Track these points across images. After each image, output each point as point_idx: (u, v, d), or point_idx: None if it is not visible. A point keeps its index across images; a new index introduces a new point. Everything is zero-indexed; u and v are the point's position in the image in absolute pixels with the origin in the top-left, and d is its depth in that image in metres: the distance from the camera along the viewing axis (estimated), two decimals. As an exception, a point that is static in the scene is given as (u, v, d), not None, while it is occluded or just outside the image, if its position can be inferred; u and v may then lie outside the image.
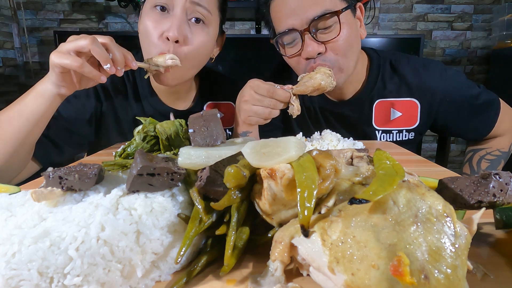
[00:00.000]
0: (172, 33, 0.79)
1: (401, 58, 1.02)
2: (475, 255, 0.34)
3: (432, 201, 0.28)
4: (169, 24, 0.80)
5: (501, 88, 2.53)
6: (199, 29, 0.84)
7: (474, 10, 2.77)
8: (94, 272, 0.27)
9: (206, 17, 0.84)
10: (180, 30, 0.80)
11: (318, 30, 0.82)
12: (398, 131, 1.03)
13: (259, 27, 2.44)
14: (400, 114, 1.01)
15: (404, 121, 1.02)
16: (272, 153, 0.33)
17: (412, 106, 1.00)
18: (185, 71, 0.87)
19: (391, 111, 1.02)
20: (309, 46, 0.82)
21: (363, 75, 1.01)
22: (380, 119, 1.03)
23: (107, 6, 2.72)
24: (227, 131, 1.12)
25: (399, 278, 0.23)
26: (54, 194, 0.32)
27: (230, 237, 0.32)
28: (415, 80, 0.99)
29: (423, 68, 0.99)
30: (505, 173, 0.34)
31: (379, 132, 1.04)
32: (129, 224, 0.30)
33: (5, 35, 2.68)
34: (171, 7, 0.81)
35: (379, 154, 0.34)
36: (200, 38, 0.84)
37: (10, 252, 0.26)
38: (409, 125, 1.02)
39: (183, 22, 0.81)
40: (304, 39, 0.82)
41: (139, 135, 0.58)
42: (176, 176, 0.35)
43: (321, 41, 0.82)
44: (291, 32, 0.83)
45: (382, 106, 1.01)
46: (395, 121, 1.02)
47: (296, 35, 0.84)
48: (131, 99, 1.00)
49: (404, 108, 1.01)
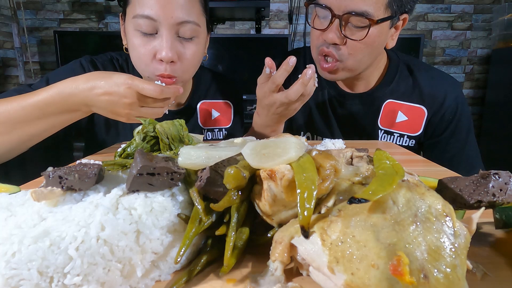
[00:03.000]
0: (165, 55, 0.77)
1: (420, 64, 1.03)
2: (475, 255, 0.34)
3: (432, 200, 0.28)
4: (159, 44, 0.78)
5: (501, 88, 2.54)
6: (191, 43, 0.83)
7: (474, 10, 2.77)
8: (94, 272, 0.27)
9: (195, 30, 0.82)
10: (173, 50, 0.78)
11: (348, 22, 0.82)
12: (400, 135, 1.02)
13: (259, 27, 2.44)
14: (406, 118, 1.01)
15: (408, 127, 1.01)
16: (271, 154, 0.33)
17: (419, 113, 1.00)
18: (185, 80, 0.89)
19: (398, 113, 1.01)
20: (331, 33, 0.82)
21: (378, 71, 1.01)
22: (386, 119, 1.03)
23: (107, 6, 2.72)
24: (223, 130, 1.12)
25: (399, 277, 0.23)
26: (54, 194, 0.32)
27: (230, 238, 0.32)
28: (429, 88, 0.98)
29: (441, 79, 0.99)
30: (505, 173, 0.34)
31: (381, 131, 1.03)
32: (129, 223, 0.30)
33: (5, 35, 2.68)
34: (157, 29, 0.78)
35: (379, 154, 0.35)
36: (193, 50, 0.83)
37: (10, 252, 0.26)
38: (412, 132, 1.02)
39: (173, 41, 0.79)
40: (333, 23, 0.82)
41: (139, 135, 0.58)
42: (176, 176, 0.35)
43: (345, 34, 0.82)
44: (325, 9, 0.83)
45: (390, 106, 1.01)
46: (399, 125, 1.02)
47: (328, 14, 0.83)
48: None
49: (411, 113, 1.00)
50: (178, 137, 0.57)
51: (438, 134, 1.00)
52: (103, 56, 0.99)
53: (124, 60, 1.01)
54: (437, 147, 1.01)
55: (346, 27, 0.82)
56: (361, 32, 0.82)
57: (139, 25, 0.78)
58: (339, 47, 0.84)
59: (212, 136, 1.10)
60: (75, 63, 0.94)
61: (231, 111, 1.12)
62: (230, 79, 1.16)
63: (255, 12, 2.34)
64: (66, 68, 0.94)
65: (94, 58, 0.98)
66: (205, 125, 1.09)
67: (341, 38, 0.83)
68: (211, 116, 1.09)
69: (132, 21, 0.78)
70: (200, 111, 1.07)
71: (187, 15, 0.78)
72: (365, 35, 0.81)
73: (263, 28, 2.44)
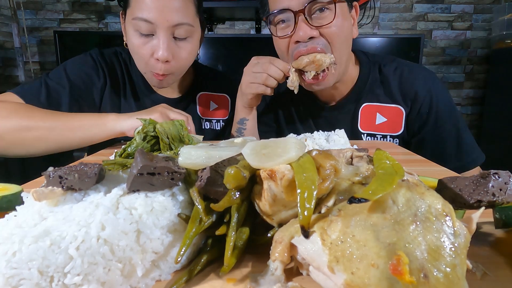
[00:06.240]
0: (161, 55, 0.84)
1: (391, 63, 1.01)
2: (475, 254, 0.34)
3: (432, 200, 0.28)
4: (156, 44, 0.85)
5: (501, 88, 2.54)
6: (186, 43, 0.89)
7: (474, 10, 2.77)
8: (95, 271, 0.27)
9: (190, 31, 0.88)
10: (169, 51, 0.85)
11: (312, 14, 0.82)
12: (382, 136, 1.02)
13: (259, 27, 2.44)
14: (385, 119, 1.00)
15: (388, 127, 1.01)
16: (272, 154, 0.33)
17: (396, 112, 0.99)
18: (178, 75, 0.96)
19: (376, 115, 1.01)
20: (301, 29, 0.81)
21: (352, 77, 1.00)
22: (366, 122, 1.02)
23: (107, 6, 2.72)
24: (221, 122, 1.16)
25: (399, 277, 0.23)
26: (54, 194, 0.32)
27: (230, 238, 0.32)
28: (399, 86, 0.97)
29: (409, 74, 0.97)
30: (505, 173, 0.34)
31: (364, 135, 1.03)
32: (130, 223, 0.30)
33: (5, 35, 2.68)
34: (154, 31, 0.84)
35: (379, 154, 0.35)
36: (188, 49, 0.90)
37: (10, 251, 0.26)
38: (393, 131, 1.01)
39: (169, 42, 0.86)
40: (298, 21, 0.82)
41: (139, 135, 0.58)
42: (176, 176, 0.35)
43: (314, 25, 0.82)
44: (285, 12, 0.83)
45: (368, 110, 1.01)
46: (380, 126, 1.01)
47: (290, 16, 0.83)
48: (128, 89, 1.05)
49: (389, 114, 1.00)
50: (178, 137, 0.57)
51: (420, 129, 0.98)
52: (110, 50, 1.07)
53: (127, 54, 1.06)
54: (424, 142, 0.99)
55: (313, 18, 0.82)
56: (328, 17, 0.82)
57: (138, 26, 0.84)
58: (315, 39, 0.83)
59: (210, 126, 1.15)
60: (85, 55, 1.02)
61: (228, 104, 1.16)
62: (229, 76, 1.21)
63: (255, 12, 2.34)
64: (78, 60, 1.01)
65: (102, 51, 1.05)
66: (204, 115, 1.14)
67: (313, 30, 0.81)
68: (210, 107, 1.14)
69: (132, 22, 0.85)
70: (199, 101, 1.13)
71: (182, 18, 0.85)
72: (333, 16, 0.81)
73: (263, 28, 2.44)
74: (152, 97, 1.05)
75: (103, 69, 1.00)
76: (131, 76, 1.05)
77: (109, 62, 1.03)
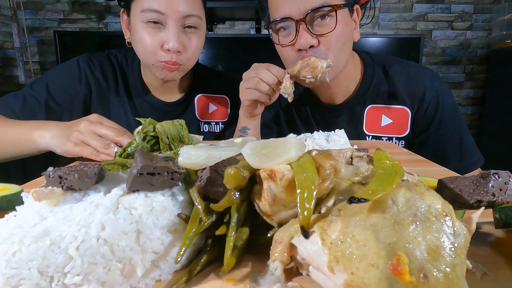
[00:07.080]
0: (172, 45, 0.85)
1: (395, 63, 1.00)
2: (474, 254, 0.34)
3: (431, 200, 0.28)
4: (167, 35, 0.85)
5: (501, 88, 2.54)
6: (194, 35, 0.91)
7: (474, 10, 2.77)
8: (94, 271, 0.27)
9: (198, 23, 0.90)
10: (180, 41, 0.86)
11: (313, 22, 0.82)
12: (388, 138, 1.01)
13: (259, 27, 2.44)
14: (391, 121, 1.00)
15: (394, 129, 1.00)
16: (271, 154, 0.33)
17: (402, 114, 0.99)
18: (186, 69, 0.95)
19: (382, 117, 1.00)
20: (302, 37, 0.82)
21: (355, 78, 1.00)
22: (371, 124, 1.02)
23: (107, 6, 2.72)
24: (220, 124, 1.15)
25: (398, 277, 0.23)
26: (54, 194, 0.32)
27: (230, 238, 0.32)
28: (406, 87, 0.97)
29: (417, 74, 0.97)
30: (504, 173, 0.34)
31: (369, 137, 1.03)
32: (129, 223, 0.30)
33: (5, 35, 2.68)
34: (164, 21, 0.85)
35: (379, 154, 0.35)
36: (196, 41, 0.91)
37: (10, 251, 0.26)
38: (399, 133, 1.00)
39: (180, 33, 0.87)
40: (299, 29, 0.82)
41: (139, 135, 0.58)
42: (176, 176, 0.35)
43: (315, 34, 0.82)
44: (286, 20, 0.83)
45: (373, 112, 1.01)
46: (385, 128, 1.01)
47: (291, 24, 0.84)
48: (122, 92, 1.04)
49: (394, 116, 0.99)
50: (178, 137, 0.57)
51: (425, 129, 0.98)
52: (101, 54, 1.05)
53: (124, 56, 1.05)
54: (427, 142, 0.99)
55: (314, 26, 0.82)
56: (328, 25, 0.82)
57: (147, 18, 0.84)
58: (315, 48, 0.83)
59: (209, 129, 1.14)
60: (72, 62, 1.00)
61: (228, 105, 1.15)
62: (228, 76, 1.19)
63: (255, 12, 2.34)
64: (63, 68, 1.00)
65: (92, 56, 1.03)
66: (202, 118, 1.13)
67: (314, 38, 0.82)
68: (208, 110, 1.13)
69: (140, 14, 0.85)
70: (197, 104, 1.12)
71: (192, 9, 0.86)
72: (334, 25, 0.81)
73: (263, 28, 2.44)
74: (149, 100, 1.04)
75: (87, 77, 0.99)
76: (127, 78, 1.04)
77: (99, 67, 1.01)
